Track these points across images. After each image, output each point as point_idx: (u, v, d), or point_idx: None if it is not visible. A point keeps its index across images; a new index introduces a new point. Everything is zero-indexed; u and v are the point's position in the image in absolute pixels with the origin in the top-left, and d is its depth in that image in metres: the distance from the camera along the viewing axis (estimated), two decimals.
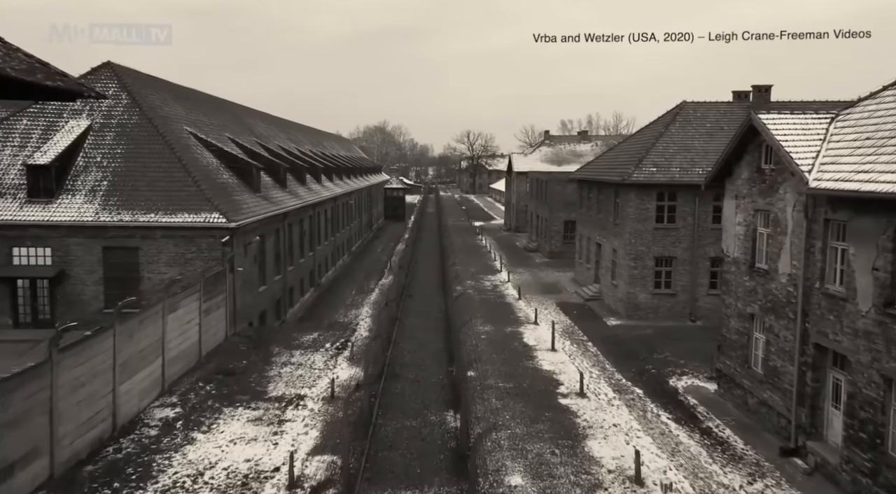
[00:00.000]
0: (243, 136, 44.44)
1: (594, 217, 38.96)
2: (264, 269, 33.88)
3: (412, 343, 29.00)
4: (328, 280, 50.06)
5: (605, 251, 36.40)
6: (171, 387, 21.17)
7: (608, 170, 36.68)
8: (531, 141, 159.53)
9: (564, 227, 54.20)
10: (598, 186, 37.94)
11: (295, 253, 40.58)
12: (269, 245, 34.67)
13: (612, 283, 34.99)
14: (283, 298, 37.20)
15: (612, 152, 40.84)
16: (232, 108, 49.70)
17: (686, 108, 35.62)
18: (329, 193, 52.25)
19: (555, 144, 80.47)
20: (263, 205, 34.28)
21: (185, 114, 36.97)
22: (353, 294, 40.88)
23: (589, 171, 41.12)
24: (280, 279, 36.74)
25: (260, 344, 26.99)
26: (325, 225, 51.59)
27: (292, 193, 42.08)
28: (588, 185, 40.56)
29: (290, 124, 68.95)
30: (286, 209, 37.12)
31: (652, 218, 31.69)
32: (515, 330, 30.57)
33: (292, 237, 40.05)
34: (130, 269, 27.94)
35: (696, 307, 31.83)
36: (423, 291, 41.51)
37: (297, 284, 40.76)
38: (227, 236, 28.02)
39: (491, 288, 41.25)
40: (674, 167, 31.97)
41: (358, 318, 33.12)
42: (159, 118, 32.28)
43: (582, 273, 42.11)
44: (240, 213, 29.82)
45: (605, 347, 27.61)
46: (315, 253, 46.55)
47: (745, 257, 19.75)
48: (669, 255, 31.86)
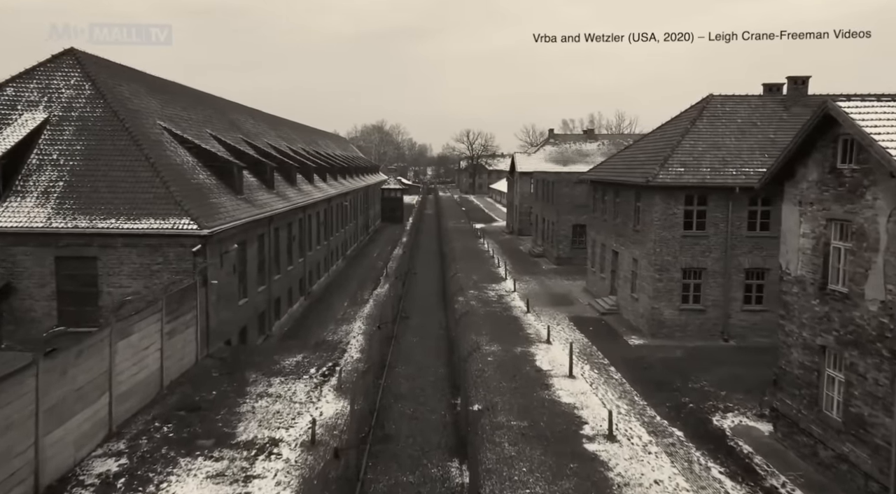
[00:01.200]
0: (228, 133, 40.93)
1: (610, 222, 35.50)
2: (245, 280, 30.40)
3: (410, 367, 25.52)
4: (320, 287, 46.56)
5: (624, 260, 32.94)
6: (120, 429, 17.67)
7: (627, 171, 33.22)
8: (532, 140, 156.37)
9: (573, 231, 50.74)
10: (615, 188, 34.47)
11: (282, 260, 37.10)
12: (251, 252, 31.19)
13: (632, 296, 31.52)
14: (267, 311, 33.73)
15: (629, 151, 37.39)
16: (216, 103, 46.12)
17: (713, 103, 32.16)
18: (321, 194, 48.75)
19: (559, 143, 77.03)
20: (245, 208, 30.80)
21: (159, 107, 33.44)
22: (346, 305, 37.39)
23: (604, 171, 37.65)
24: (264, 290, 33.26)
25: (235, 369, 23.50)
26: (318, 228, 48.11)
27: (280, 195, 38.59)
28: (603, 187, 37.09)
29: (282, 121, 65.39)
30: (272, 212, 33.64)
31: (679, 224, 28.22)
32: (526, 351, 27.10)
33: (279, 243, 36.57)
34: (88, 282, 24.42)
35: (728, 324, 28.37)
36: (421, 304, 38.02)
37: (284, 294, 37.29)
38: (199, 245, 24.53)
39: (496, 299, 37.78)
40: (703, 167, 28.51)
41: (349, 336, 29.62)
42: (127, 111, 28.74)
43: (595, 282, 38.64)
44: (215, 218, 26.33)
45: (631, 373, 24.13)
46: (306, 260, 43.06)
47: (812, 276, 16.29)
48: (699, 266, 28.39)
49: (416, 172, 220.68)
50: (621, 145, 77.41)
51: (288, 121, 69.15)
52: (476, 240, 68.77)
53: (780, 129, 30.38)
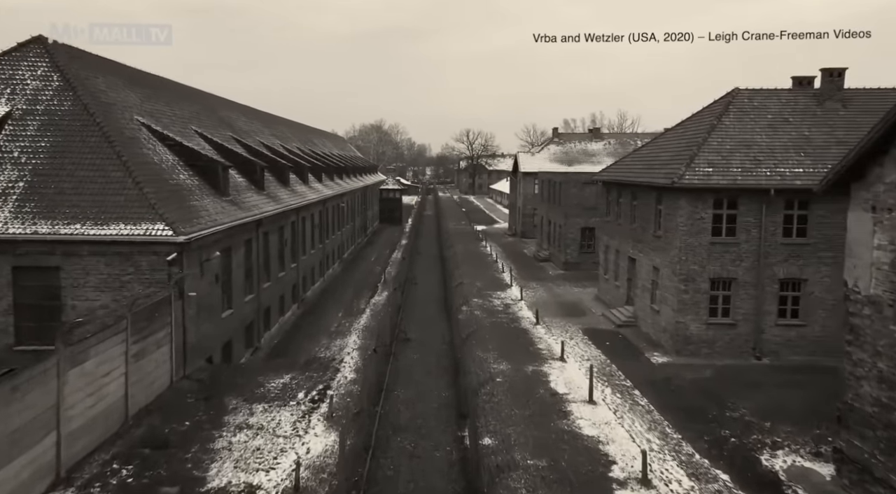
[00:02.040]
0: (216, 130, 38.32)
1: (626, 226, 32.88)
2: (230, 289, 27.79)
3: (410, 389, 22.89)
4: (315, 293, 43.92)
5: (642, 268, 30.31)
6: (70, 474, 15.03)
7: (646, 171, 30.60)
8: (533, 140, 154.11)
9: (581, 235, 48.12)
10: (632, 190, 31.86)
11: (273, 266, 34.49)
12: (237, 259, 28.58)
13: (652, 308, 28.90)
14: (256, 322, 31.12)
15: (646, 149, 34.75)
16: (206, 99, 43.47)
17: (739, 97, 29.55)
18: (316, 196, 46.13)
19: (564, 142, 74.44)
20: (230, 211, 28.19)
21: (139, 102, 30.79)
22: (340, 316, 34.74)
23: (618, 171, 35.03)
24: (252, 299, 30.65)
25: (214, 393, 20.87)
26: (312, 231, 45.50)
27: (271, 196, 35.99)
28: (618, 188, 34.47)
29: (276, 119, 62.73)
30: (261, 215, 31.03)
31: (707, 229, 25.60)
32: (539, 370, 24.50)
33: (269, 248, 33.96)
34: (49, 295, 21.79)
35: (761, 340, 25.75)
36: (422, 314, 35.40)
37: (275, 302, 34.67)
38: (175, 253, 21.92)
39: (502, 309, 35.18)
40: (733, 167, 25.89)
41: (343, 352, 26.97)
42: (100, 105, 26.09)
43: (608, 291, 36.02)
44: (194, 223, 23.71)
45: (659, 398, 21.51)
46: (299, 265, 40.44)
47: (891, 296, 13.70)
48: (728, 276, 25.77)
49: (415, 172, 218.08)
50: (628, 144, 74.88)
51: (283, 119, 66.49)
52: (478, 242, 66.19)
53: (815, 126, 27.81)
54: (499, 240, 69.76)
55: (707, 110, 30.74)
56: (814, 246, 25.37)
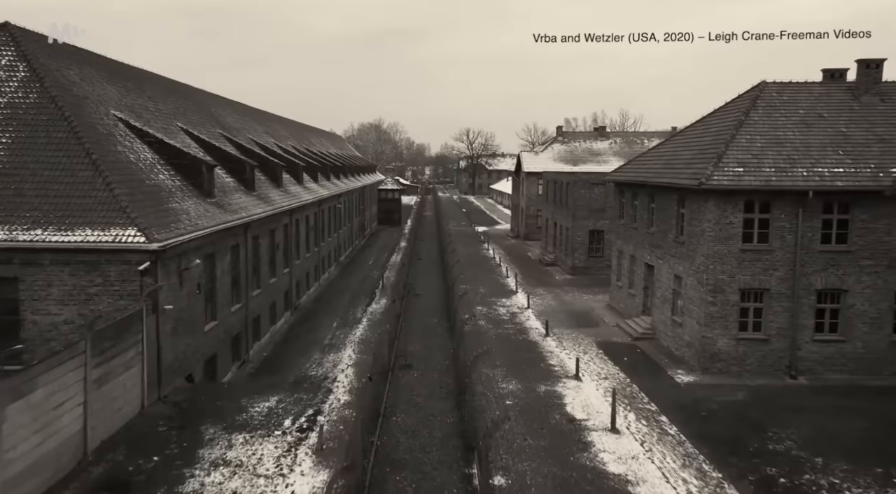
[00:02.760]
0: (204, 127, 36.02)
1: (642, 230, 30.56)
2: (214, 299, 25.50)
3: (410, 415, 20.57)
4: (309, 299, 41.61)
5: (662, 276, 27.99)
6: None
7: (666, 171, 28.26)
8: (534, 139, 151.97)
9: (590, 238, 45.80)
10: (650, 191, 29.53)
11: (263, 272, 32.18)
12: (222, 266, 26.28)
13: (674, 320, 26.58)
14: (244, 333, 28.82)
15: (663, 147, 32.39)
16: (194, 95, 41.09)
17: (767, 91, 27.23)
18: (311, 196, 43.84)
19: (568, 141, 72.12)
20: (215, 214, 25.88)
21: (118, 96, 28.47)
22: (335, 326, 32.36)
23: (633, 171, 32.70)
24: (240, 308, 28.35)
25: (190, 420, 18.55)
26: (307, 234, 43.21)
27: (262, 197, 33.69)
28: (633, 189, 32.14)
29: (271, 117, 60.38)
30: (249, 218, 28.73)
31: (737, 235, 23.26)
32: (552, 391, 22.17)
33: (260, 253, 31.66)
34: (6, 309, 19.47)
35: (796, 357, 23.41)
36: (423, 325, 33.10)
37: (265, 311, 32.37)
38: (147, 262, 19.61)
39: (508, 318, 32.85)
40: (766, 167, 23.56)
41: (336, 369, 24.61)
42: (71, 98, 23.77)
43: (622, 299, 33.70)
44: (172, 228, 21.40)
45: (690, 426, 19.16)
46: (292, 270, 38.15)
47: None
48: (760, 287, 23.44)
49: (414, 172, 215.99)
50: (634, 143, 72.61)
51: (278, 116, 64.14)
52: (480, 244, 63.88)
53: (853, 122, 25.48)
54: (501, 242, 67.46)
55: (731, 105, 28.42)
56: (855, 253, 23.05)
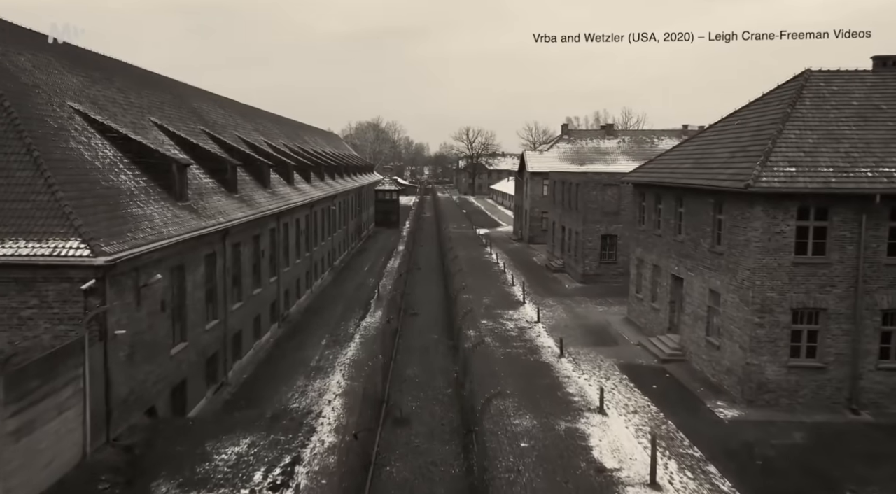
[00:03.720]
0: (183, 123, 32.73)
1: (668, 238, 27.30)
2: (184, 318, 22.23)
3: (408, 462, 17.26)
4: (300, 309, 38.33)
5: (694, 290, 24.73)
6: None
7: (696, 171, 25.00)
8: (535, 138, 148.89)
9: (602, 243, 42.54)
10: (678, 194, 26.27)
11: (246, 283, 28.93)
12: (194, 279, 23.03)
13: (709, 341, 23.33)
14: (221, 352, 25.56)
15: (690, 145, 29.07)
16: (174, 88, 37.72)
17: (814, 80, 23.98)
18: (302, 198, 40.58)
19: (574, 140, 68.85)
20: (186, 219, 22.64)
21: (80, 86, 25.15)
22: (325, 344, 29.04)
23: (656, 171, 29.41)
24: (217, 325, 25.11)
25: (140, 472, 15.28)
26: (297, 238, 39.95)
27: (245, 200, 30.44)
28: (655, 192, 28.88)
29: (260, 113, 57.00)
30: (227, 223, 25.51)
31: (790, 246, 20.00)
32: (574, 429, 18.89)
33: (241, 262, 28.40)
34: None
35: (858, 388, 20.14)
36: (421, 341, 29.81)
37: (248, 325, 29.11)
38: (93, 279, 16.35)
39: (516, 335, 29.57)
40: (822, 166, 20.30)
41: (322, 399, 21.29)
42: (16, 86, 20.47)
43: (643, 314, 30.42)
44: (127, 237, 18.13)
45: (746, 480, 15.83)
46: (280, 279, 34.89)
47: None
48: (815, 306, 20.18)
49: (413, 172, 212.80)
50: (644, 142, 69.38)
51: (269, 113, 60.73)
52: (481, 248, 60.61)
53: None
54: (504, 245, 64.21)
55: (771, 97, 25.15)
56: None
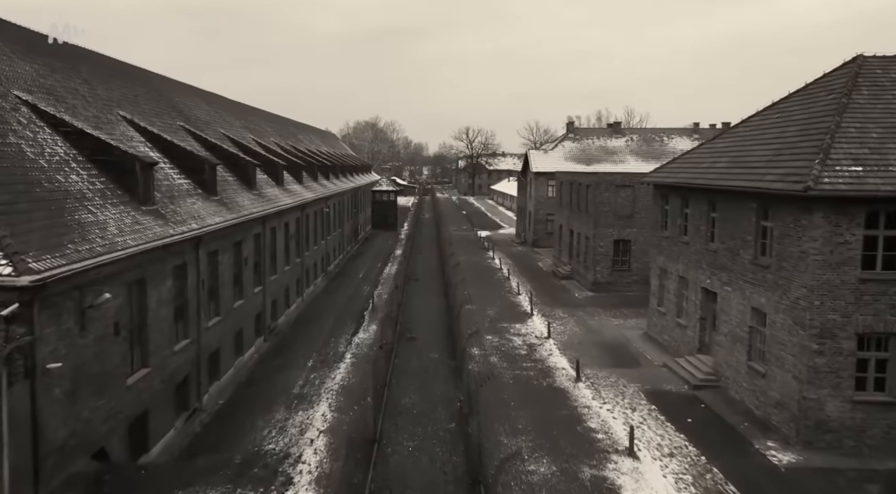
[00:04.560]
0: (159, 118, 29.68)
1: (698, 246, 24.24)
2: (145, 340, 19.17)
3: None
4: (289, 320, 35.30)
5: (731, 308, 21.66)
6: None
7: (735, 170, 21.91)
8: (536, 137, 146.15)
9: (615, 249, 39.49)
10: (710, 197, 23.21)
11: (225, 295, 25.90)
12: (159, 295, 19.98)
13: (753, 367, 20.26)
14: (194, 376, 22.51)
15: (722, 142, 25.92)
16: (154, 81, 34.53)
17: (868, 67, 20.91)
18: (293, 200, 37.58)
19: (580, 139, 65.78)
20: (150, 226, 19.60)
21: (34, 75, 22.07)
22: (311, 365, 25.93)
23: (682, 171, 26.31)
24: (189, 345, 22.07)
25: None
26: (287, 243, 36.92)
27: (226, 203, 27.43)
28: (682, 194, 25.82)
29: (252, 111, 53.90)
30: (201, 230, 22.49)
31: (855, 259, 16.96)
32: (600, 477, 15.81)
33: (219, 272, 25.37)
34: None
35: None
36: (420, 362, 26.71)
37: (228, 342, 26.10)
38: (16, 303, 13.28)
39: (525, 353, 26.51)
40: (893, 164, 17.29)
41: (303, 438, 18.14)
42: None
43: (666, 330, 27.36)
44: (68, 250, 15.09)
45: None
46: (266, 288, 31.87)
47: None
48: (887, 330, 17.16)
49: (412, 172, 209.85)
50: (653, 141, 66.32)
51: (262, 111, 57.61)
52: (483, 252, 57.54)
53: None
54: (507, 249, 61.13)
55: (817, 86, 22.07)
56: None
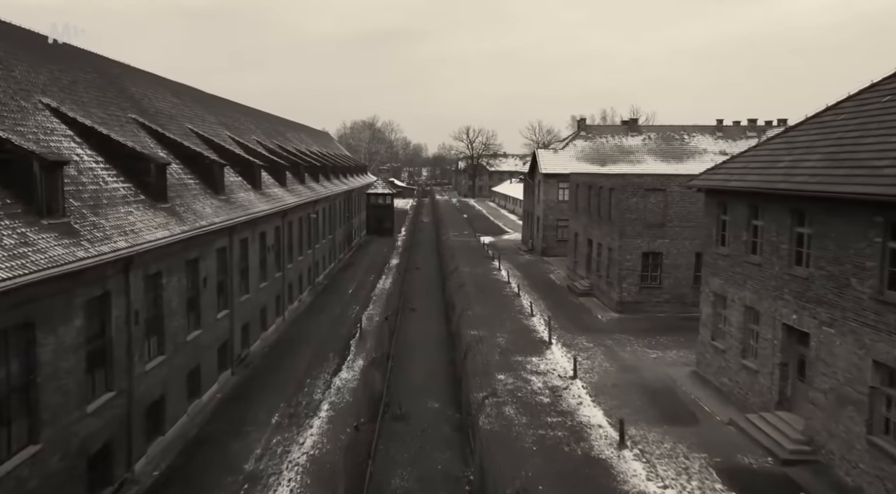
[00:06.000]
0: (101, 109, 24.21)
1: (780, 270, 18.75)
2: (34, 406, 13.92)
3: None
4: (265, 346, 29.88)
5: (836, 356, 16.16)
6: None
7: (840, 172, 16.38)
8: (539, 138, 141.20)
9: (643, 263, 34.03)
10: (797, 206, 17.75)
11: (173, 326, 20.50)
12: (57, 343, 14.57)
13: (873, 442, 14.79)
14: (119, 440, 17.12)
15: (803, 135, 20.17)
16: (103, 66, 28.80)
17: None
18: (271, 206, 32.22)
19: (593, 137, 60.34)
20: (43, 248, 14.21)
21: None
22: (276, 422, 20.31)
23: (748, 172, 20.77)
24: (111, 401, 16.67)
25: None
26: (264, 256, 31.59)
27: (177, 212, 22.04)
28: (750, 202, 20.37)
29: (233, 106, 48.31)
30: (129, 250, 17.14)
31: None
32: None
33: (164, 298, 19.97)
34: None
35: None
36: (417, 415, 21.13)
37: (178, 384, 20.74)
38: None
39: (549, 401, 21.02)
40: None
41: None
42: None
43: (724, 370, 21.88)
44: None
45: None
46: (235, 311, 26.61)
47: None
48: None
49: (411, 173, 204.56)
50: (673, 139, 60.83)
51: (245, 107, 51.90)
52: (488, 262, 52.11)
53: None
54: (513, 257, 55.66)
55: None
56: None
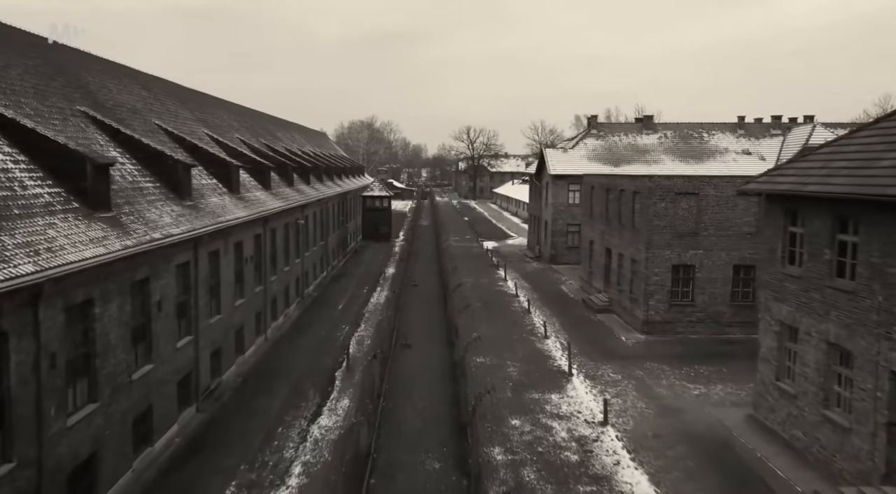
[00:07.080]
0: (40, 100, 20.20)
1: (867, 301, 14.69)
2: None
3: None
4: (238, 373, 25.78)
5: None
6: None
7: None
8: (543, 138, 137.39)
9: (673, 277, 29.90)
10: None
11: (109, 364, 16.40)
12: None
13: None
14: None
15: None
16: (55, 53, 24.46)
17: None
18: (249, 212, 28.19)
19: (605, 135, 56.23)
20: None
21: None
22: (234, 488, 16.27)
23: (833, 173, 16.66)
24: (11, 472, 12.54)
25: None
26: (240, 269, 27.58)
27: (122, 223, 17.98)
28: (834, 211, 16.29)
29: (216, 102, 44.11)
30: (59, 270, 13.08)
31: None
32: None
33: (96, 332, 15.86)
34: None
35: None
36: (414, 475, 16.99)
37: (118, 436, 16.65)
38: None
39: (577, 458, 16.90)
40: None
41: None
42: None
43: (796, 421, 17.74)
44: None
45: None
46: (200, 336, 22.54)
47: None
48: None
49: (410, 175, 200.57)
50: (691, 138, 56.60)
51: (228, 102, 47.57)
52: (492, 271, 47.99)
53: None
54: (519, 266, 51.52)
55: None
56: None
